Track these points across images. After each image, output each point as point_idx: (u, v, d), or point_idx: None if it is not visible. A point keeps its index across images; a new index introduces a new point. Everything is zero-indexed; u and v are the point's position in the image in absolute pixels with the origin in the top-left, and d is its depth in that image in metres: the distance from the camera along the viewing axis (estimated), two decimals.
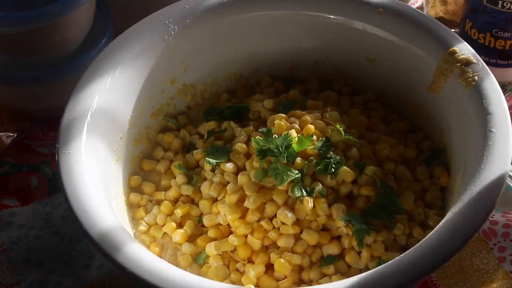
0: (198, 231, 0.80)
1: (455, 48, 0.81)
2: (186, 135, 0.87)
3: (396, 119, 0.88)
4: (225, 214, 0.77)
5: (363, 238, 0.75)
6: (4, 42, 0.91)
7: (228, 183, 0.79)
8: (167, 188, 0.84)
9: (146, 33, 0.84)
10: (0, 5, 0.89)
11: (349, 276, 0.71)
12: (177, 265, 0.77)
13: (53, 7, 0.87)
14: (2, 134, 0.96)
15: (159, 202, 0.83)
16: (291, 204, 0.77)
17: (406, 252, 0.68)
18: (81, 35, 0.94)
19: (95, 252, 0.84)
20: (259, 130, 0.81)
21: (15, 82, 0.93)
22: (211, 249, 0.76)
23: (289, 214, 0.76)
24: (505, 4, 0.94)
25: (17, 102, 0.97)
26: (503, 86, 1.00)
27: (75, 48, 0.94)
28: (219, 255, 0.77)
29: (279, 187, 0.76)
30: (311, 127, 0.80)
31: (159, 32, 0.84)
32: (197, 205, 0.81)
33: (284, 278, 0.75)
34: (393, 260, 0.67)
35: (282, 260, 0.75)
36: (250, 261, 0.77)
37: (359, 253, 0.76)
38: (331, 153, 0.78)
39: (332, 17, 0.87)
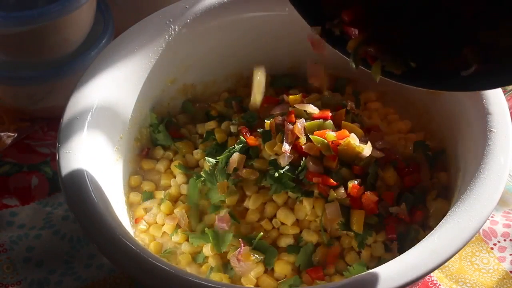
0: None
1: None
2: (186, 135, 0.87)
3: (396, 119, 0.88)
4: None
5: (363, 239, 0.75)
6: (4, 42, 0.91)
7: None
8: (166, 188, 0.84)
9: (146, 33, 0.84)
10: (0, 5, 0.89)
11: (349, 276, 0.72)
12: (176, 264, 0.77)
13: (53, 7, 0.87)
14: (2, 134, 0.96)
15: (158, 201, 0.83)
16: (290, 205, 0.77)
17: (406, 252, 0.68)
18: (81, 35, 0.94)
19: (96, 251, 0.84)
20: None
21: (15, 82, 0.93)
22: (207, 250, 0.76)
23: (289, 215, 0.76)
24: None
25: (17, 102, 0.97)
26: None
27: (75, 48, 0.94)
28: (219, 254, 0.77)
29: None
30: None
31: (159, 32, 0.84)
32: None
33: (284, 278, 0.75)
34: (393, 260, 0.67)
35: (282, 260, 0.75)
36: None
37: (359, 253, 0.76)
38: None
39: None
